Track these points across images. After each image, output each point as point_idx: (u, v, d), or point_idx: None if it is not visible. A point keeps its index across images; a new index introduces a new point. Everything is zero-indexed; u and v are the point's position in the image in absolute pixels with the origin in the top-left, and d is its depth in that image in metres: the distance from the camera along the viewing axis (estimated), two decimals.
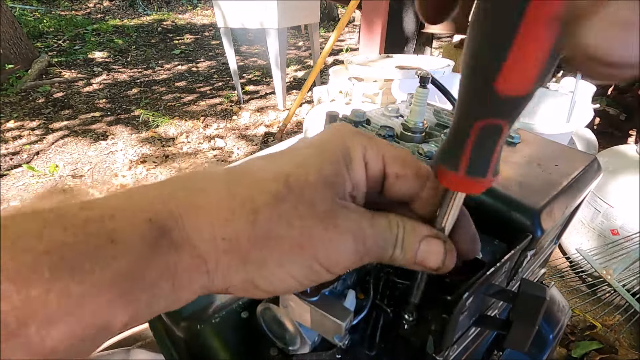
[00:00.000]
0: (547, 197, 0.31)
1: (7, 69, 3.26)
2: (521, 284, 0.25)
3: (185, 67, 4.03)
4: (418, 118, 0.40)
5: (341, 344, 0.25)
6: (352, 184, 0.22)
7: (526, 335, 0.26)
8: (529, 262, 0.35)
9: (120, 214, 0.18)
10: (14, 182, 2.04)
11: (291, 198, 0.20)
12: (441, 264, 0.22)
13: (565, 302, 0.52)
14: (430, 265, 0.22)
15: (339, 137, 0.23)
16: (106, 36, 4.90)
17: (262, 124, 2.74)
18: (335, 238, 0.20)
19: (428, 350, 0.27)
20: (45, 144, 2.44)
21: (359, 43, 2.41)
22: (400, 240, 0.22)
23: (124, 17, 6.09)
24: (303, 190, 0.20)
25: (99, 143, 2.46)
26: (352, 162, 0.22)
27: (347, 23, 2.21)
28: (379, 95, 1.56)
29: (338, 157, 0.22)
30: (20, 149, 2.37)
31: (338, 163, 0.22)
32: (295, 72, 3.97)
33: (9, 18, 3.38)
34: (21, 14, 5.36)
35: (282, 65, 2.70)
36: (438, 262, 0.22)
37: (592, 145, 1.63)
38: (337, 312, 0.23)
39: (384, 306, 0.29)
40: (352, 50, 4.60)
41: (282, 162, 0.22)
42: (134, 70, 3.84)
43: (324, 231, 0.20)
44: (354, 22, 5.91)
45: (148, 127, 2.66)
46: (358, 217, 0.21)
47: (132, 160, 2.26)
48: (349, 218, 0.21)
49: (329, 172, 0.21)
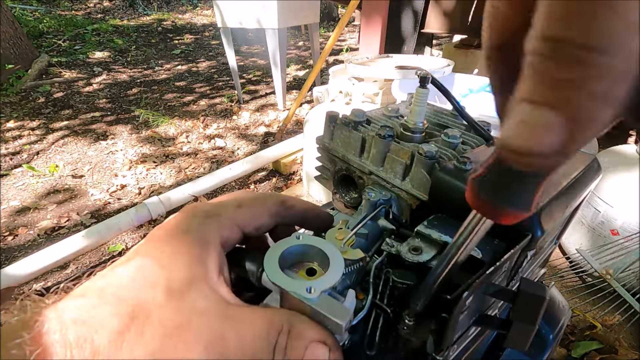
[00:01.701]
0: (547, 197, 0.31)
1: (7, 69, 3.26)
2: (521, 283, 0.25)
3: (185, 67, 4.03)
4: (418, 118, 0.40)
5: (341, 344, 0.25)
6: (218, 267, 0.23)
7: (526, 335, 0.26)
8: (529, 262, 0.35)
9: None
10: (14, 182, 2.04)
11: (137, 325, 0.19)
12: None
13: (565, 302, 0.52)
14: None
15: (192, 232, 0.24)
16: (106, 36, 4.89)
17: (262, 124, 2.74)
18: (183, 355, 0.19)
19: (428, 350, 0.27)
20: (45, 144, 2.44)
21: (359, 43, 2.41)
22: (281, 347, 0.21)
23: (124, 17, 6.09)
24: (151, 313, 0.20)
25: (99, 143, 2.46)
26: (210, 251, 0.23)
27: (347, 23, 2.21)
28: (379, 95, 1.56)
29: (194, 255, 0.22)
30: (20, 149, 2.37)
31: (193, 264, 0.22)
32: (295, 72, 3.97)
33: (9, 18, 3.38)
34: (21, 14, 5.36)
35: (282, 65, 2.70)
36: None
37: (592, 145, 1.63)
38: (336, 312, 0.23)
39: (383, 306, 0.29)
40: (352, 50, 4.60)
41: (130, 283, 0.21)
42: (134, 70, 3.84)
43: (173, 349, 0.19)
44: (354, 22, 5.91)
45: (148, 127, 2.66)
46: (217, 325, 0.21)
47: (132, 160, 2.26)
48: (203, 327, 0.20)
49: (181, 281, 0.21)
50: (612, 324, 1.16)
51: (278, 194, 0.31)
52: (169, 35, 5.28)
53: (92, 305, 0.20)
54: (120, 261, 0.23)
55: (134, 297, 0.20)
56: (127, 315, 0.19)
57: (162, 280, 0.21)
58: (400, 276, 0.28)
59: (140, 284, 0.21)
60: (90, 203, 1.90)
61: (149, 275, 0.21)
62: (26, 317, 0.19)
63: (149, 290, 0.21)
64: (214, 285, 0.23)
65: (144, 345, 0.19)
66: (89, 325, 0.19)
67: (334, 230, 0.31)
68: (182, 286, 0.21)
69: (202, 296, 0.21)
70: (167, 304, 0.20)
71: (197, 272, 0.22)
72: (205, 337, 0.20)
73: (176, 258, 0.22)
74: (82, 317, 0.19)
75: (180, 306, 0.20)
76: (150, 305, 0.20)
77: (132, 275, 0.21)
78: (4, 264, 1.47)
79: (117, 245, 1.63)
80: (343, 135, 0.42)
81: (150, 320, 0.20)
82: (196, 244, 0.23)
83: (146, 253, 0.23)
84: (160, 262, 0.22)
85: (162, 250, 0.23)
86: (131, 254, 0.23)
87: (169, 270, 0.22)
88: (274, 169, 2.16)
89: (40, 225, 1.72)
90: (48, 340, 0.18)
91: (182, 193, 1.75)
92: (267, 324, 0.22)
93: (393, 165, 0.37)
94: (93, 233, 1.48)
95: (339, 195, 0.45)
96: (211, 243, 0.24)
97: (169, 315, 0.20)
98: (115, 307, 0.20)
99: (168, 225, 0.25)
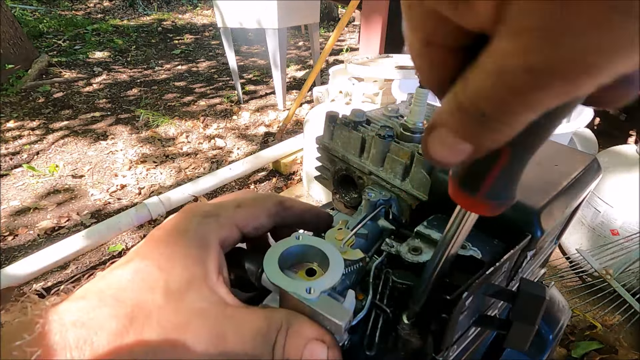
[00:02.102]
0: (547, 197, 0.31)
1: (7, 69, 3.26)
2: (521, 283, 0.25)
3: (185, 67, 4.03)
4: (418, 118, 0.40)
5: (341, 344, 0.25)
6: (217, 267, 0.23)
7: (526, 335, 0.26)
8: (528, 262, 0.35)
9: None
10: (14, 182, 2.04)
11: (136, 327, 0.19)
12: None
13: (565, 302, 0.52)
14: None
15: (190, 232, 0.24)
16: (106, 36, 4.89)
17: (262, 124, 2.74)
18: (183, 356, 0.20)
19: (428, 350, 0.27)
20: (45, 144, 2.44)
21: (359, 43, 2.41)
22: (280, 346, 0.22)
23: (124, 17, 6.09)
24: (150, 315, 0.20)
25: (99, 143, 2.46)
26: (210, 251, 0.23)
27: (347, 23, 2.21)
28: (379, 95, 1.56)
29: (193, 256, 0.23)
30: (20, 149, 2.37)
31: (192, 265, 0.22)
32: (295, 72, 3.97)
33: (9, 18, 3.38)
34: (21, 14, 5.36)
35: (282, 65, 2.70)
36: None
37: (592, 145, 1.63)
38: (336, 312, 0.23)
39: (383, 306, 0.29)
40: (352, 50, 4.60)
41: (129, 285, 0.21)
42: (134, 70, 3.84)
43: (172, 350, 0.20)
44: (354, 22, 5.91)
45: (148, 127, 2.66)
46: (216, 325, 0.21)
47: (132, 160, 2.26)
48: (202, 327, 0.20)
49: (179, 282, 0.21)
50: (612, 324, 1.16)
51: (277, 195, 0.31)
52: (169, 35, 5.28)
53: (92, 307, 0.20)
54: (120, 263, 0.23)
55: (133, 299, 0.20)
56: (126, 317, 0.20)
57: (160, 281, 0.21)
58: (400, 276, 0.28)
59: (139, 285, 0.21)
60: (90, 203, 1.90)
61: (147, 277, 0.21)
62: (27, 318, 0.19)
63: (148, 292, 0.21)
64: (213, 286, 0.23)
65: (143, 347, 0.19)
66: (88, 327, 0.19)
67: (334, 231, 0.31)
68: (181, 287, 0.21)
69: (201, 297, 0.21)
70: (166, 305, 0.20)
71: (196, 273, 0.22)
72: (204, 337, 0.20)
73: (175, 259, 0.22)
74: (82, 319, 0.19)
75: (179, 307, 0.21)
76: (149, 307, 0.20)
77: (131, 277, 0.21)
78: (4, 264, 1.47)
79: (117, 245, 1.63)
80: (343, 135, 0.42)
81: (149, 321, 0.20)
82: (195, 244, 0.23)
83: (145, 255, 0.23)
84: (159, 264, 0.22)
85: (161, 252, 0.23)
86: (130, 256, 0.23)
87: (167, 272, 0.22)
88: (274, 169, 2.16)
89: (40, 225, 1.72)
90: (48, 342, 0.18)
91: (182, 193, 1.75)
92: (265, 323, 0.22)
93: (393, 166, 0.37)
94: (93, 233, 1.48)
95: (339, 195, 0.44)
96: (210, 243, 0.24)
97: (168, 317, 0.20)
98: (114, 309, 0.20)
99: (167, 226, 0.25)
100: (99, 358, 0.18)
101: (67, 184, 2.05)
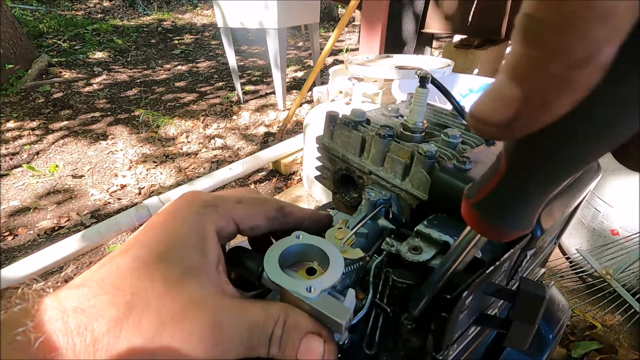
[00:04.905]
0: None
1: (7, 69, 3.26)
2: (521, 282, 0.25)
3: (185, 67, 4.03)
4: (418, 118, 0.40)
5: (341, 343, 0.25)
6: (217, 257, 0.23)
7: (526, 334, 0.26)
8: (528, 261, 0.35)
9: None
10: (14, 182, 2.04)
11: (135, 314, 0.20)
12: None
13: (565, 302, 0.52)
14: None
15: (189, 221, 0.24)
16: (106, 36, 4.89)
17: (262, 124, 2.74)
18: (180, 344, 0.20)
19: (428, 349, 0.27)
20: (45, 144, 2.44)
21: (359, 43, 2.41)
22: (277, 338, 0.22)
23: (124, 17, 6.09)
24: (149, 303, 0.20)
25: (99, 143, 2.46)
26: (208, 241, 0.23)
27: (347, 23, 2.21)
28: (379, 95, 1.55)
29: (192, 245, 0.23)
30: (20, 149, 2.37)
31: (191, 254, 0.22)
32: (295, 72, 3.97)
33: (9, 18, 3.38)
34: (21, 14, 5.36)
35: (282, 65, 2.70)
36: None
37: None
38: (336, 311, 0.23)
39: (383, 305, 0.29)
40: (352, 50, 4.60)
41: (129, 273, 0.21)
42: (134, 70, 3.84)
43: (170, 338, 0.20)
44: (354, 22, 5.91)
45: (148, 127, 2.66)
46: (214, 314, 0.21)
47: (132, 160, 2.26)
48: (200, 316, 0.20)
49: (178, 271, 0.21)
50: (612, 324, 1.16)
51: (278, 200, 0.31)
52: (169, 35, 5.27)
53: (92, 294, 0.20)
54: (119, 251, 0.23)
55: (132, 287, 0.20)
56: (125, 305, 0.20)
57: (160, 270, 0.21)
58: (400, 275, 0.28)
59: (138, 273, 0.21)
60: (90, 203, 1.90)
61: (147, 265, 0.21)
62: (28, 305, 0.19)
63: (147, 279, 0.21)
64: (212, 276, 0.23)
65: (141, 334, 0.19)
66: (89, 313, 0.19)
67: (334, 230, 0.31)
68: (180, 276, 0.21)
69: (199, 286, 0.22)
70: (165, 293, 0.21)
71: (195, 262, 0.22)
72: (201, 326, 0.20)
73: (174, 248, 0.22)
74: (82, 306, 0.19)
75: (178, 296, 0.21)
76: (148, 295, 0.20)
77: (130, 266, 0.21)
78: (4, 264, 1.47)
79: (117, 245, 1.63)
80: (343, 135, 0.42)
81: (147, 309, 0.20)
82: (194, 233, 0.23)
83: (144, 243, 0.23)
84: (158, 252, 0.22)
85: (160, 240, 0.23)
86: (130, 243, 0.23)
87: (166, 260, 0.22)
88: (274, 169, 2.16)
89: (40, 225, 1.72)
90: (50, 328, 0.18)
91: (182, 193, 1.75)
92: (263, 315, 0.22)
93: (393, 165, 0.37)
94: (93, 233, 1.48)
95: (339, 195, 0.45)
96: (209, 233, 0.24)
97: (166, 305, 0.20)
98: (114, 296, 0.20)
99: (166, 213, 0.25)
100: (99, 345, 0.19)
101: (67, 184, 2.05)
